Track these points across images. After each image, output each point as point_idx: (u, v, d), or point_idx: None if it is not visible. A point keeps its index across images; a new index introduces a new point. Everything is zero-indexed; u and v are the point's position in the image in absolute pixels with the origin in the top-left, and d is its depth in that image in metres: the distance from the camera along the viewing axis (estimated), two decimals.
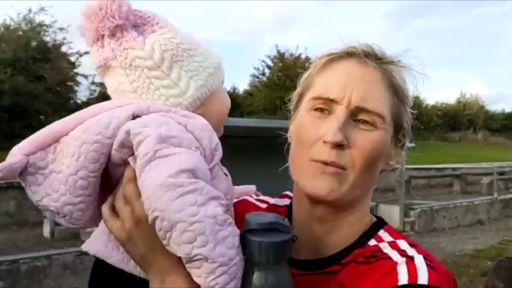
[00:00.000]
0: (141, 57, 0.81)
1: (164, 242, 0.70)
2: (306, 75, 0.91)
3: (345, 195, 0.82)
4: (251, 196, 1.08)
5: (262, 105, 26.99)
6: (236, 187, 0.99)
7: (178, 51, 0.83)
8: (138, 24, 0.83)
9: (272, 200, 1.05)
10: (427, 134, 31.64)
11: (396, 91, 0.85)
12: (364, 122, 0.82)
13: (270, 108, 26.54)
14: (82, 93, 23.05)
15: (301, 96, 0.90)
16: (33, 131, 0.85)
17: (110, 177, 0.81)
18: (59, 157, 0.78)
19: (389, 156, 0.87)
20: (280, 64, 28.64)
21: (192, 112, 0.83)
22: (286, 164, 0.92)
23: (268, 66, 29.32)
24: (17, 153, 0.77)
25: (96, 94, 23.30)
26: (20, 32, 20.88)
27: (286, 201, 1.00)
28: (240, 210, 0.91)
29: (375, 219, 0.92)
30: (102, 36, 0.81)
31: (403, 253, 0.82)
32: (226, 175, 0.87)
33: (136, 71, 0.81)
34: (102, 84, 23.52)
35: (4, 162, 0.77)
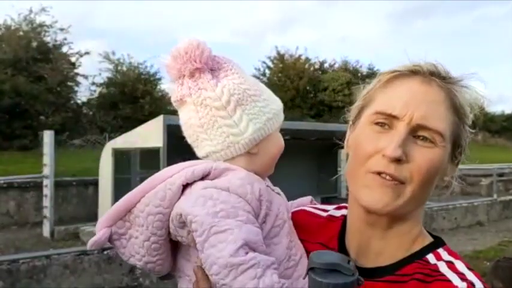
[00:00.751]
0: (212, 97, 0.92)
1: None
2: (367, 89, 0.94)
3: (399, 209, 0.85)
4: (310, 206, 1.10)
5: None
6: (294, 201, 1.11)
7: (244, 96, 0.94)
8: (214, 68, 0.95)
9: (330, 209, 1.07)
10: None
11: (457, 110, 0.88)
12: (424, 138, 0.85)
13: None
14: (82, 93, 23.11)
15: (361, 110, 0.93)
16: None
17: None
18: (133, 225, 0.92)
19: (445, 172, 0.90)
20: (280, 65, 28.66)
21: (247, 151, 0.94)
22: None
23: (269, 67, 29.34)
24: (100, 227, 0.92)
25: (96, 94, 23.33)
26: (21, 33, 20.88)
27: (343, 212, 1.03)
28: (297, 219, 1.00)
29: (428, 235, 0.95)
30: (183, 75, 0.94)
31: (462, 277, 0.83)
32: (279, 194, 0.97)
33: (206, 109, 0.93)
34: (102, 85, 23.60)
35: (93, 237, 0.92)
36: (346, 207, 1.02)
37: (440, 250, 0.91)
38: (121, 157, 9.71)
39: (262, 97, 0.96)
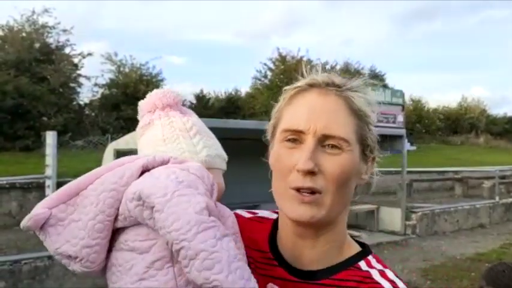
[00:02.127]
0: (178, 122, 1.07)
1: (186, 270, 0.82)
2: (276, 107, 1.00)
3: (325, 217, 0.90)
4: (240, 210, 1.15)
5: (264, 108, 27.01)
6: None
7: (203, 130, 1.10)
8: (182, 110, 1.11)
9: (261, 213, 1.13)
10: (428, 137, 31.60)
11: (357, 113, 0.93)
12: (332, 146, 0.90)
13: (271, 111, 26.51)
14: (84, 94, 23.12)
15: (274, 128, 0.99)
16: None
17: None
18: (78, 208, 0.93)
19: (361, 172, 0.95)
20: (282, 67, 28.67)
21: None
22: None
23: (270, 69, 29.34)
24: (41, 207, 0.93)
25: (98, 95, 23.37)
26: (24, 34, 20.92)
27: (275, 216, 1.08)
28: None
29: (353, 241, 1.01)
30: (155, 108, 1.09)
31: (394, 285, 0.90)
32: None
33: (171, 128, 1.06)
34: (104, 86, 23.61)
35: (30, 213, 0.91)
36: (277, 213, 1.07)
37: (370, 257, 0.97)
38: None
39: (215, 141, 1.11)
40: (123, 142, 10.04)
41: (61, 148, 13.70)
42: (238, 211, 1.13)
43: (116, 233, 0.94)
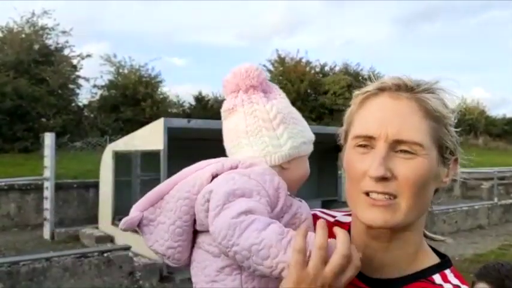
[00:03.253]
0: (261, 111, 1.03)
1: (253, 270, 0.84)
2: (348, 112, 0.99)
3: (400, 223, 0.88)
4: (319, 211, 1.15)
5: None
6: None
7: (288, 117, 1.05)
8: (266, 90, 1.07)
9: (338, 216, 1.12)
10: None
11: (432, 115, 0.89)
12: (404, 151, 0.87)
13: None
14: (83, 95, 23.12)
15: (346, 133, 0.98)
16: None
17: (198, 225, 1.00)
18: (163, 211, 0.99)
19: (440, 175, 0.92)
20: (281, 68, 28.68)
21: (280, 165, 1.02)
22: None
23: (269, 71, 29.35)
24: (134, 210, 0.99)
25: (97, 97, 23.35)
26: (23, 35, 20.91)
27: (350, 219, 1.06)
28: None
29: (432, 252, 0.99)
30: (239, 90, 1.05)
31: None
32: (301, 201, 1.03)
33: (254, 119, 1.03)
34: (103, 87, 23.59)
35: (126, 217, 0.99)
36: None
37: (447, 271, 0.93)
38: (122, 160, 9.71)
39: (301, 124, 1.08)
40: (122, 143, 10.03)
41: (60, 149, 13.68)
42: (319, 213, 1.12)
43: (198, 232, 0.99)
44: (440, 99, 0.91)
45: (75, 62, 21.92)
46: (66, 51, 21.89)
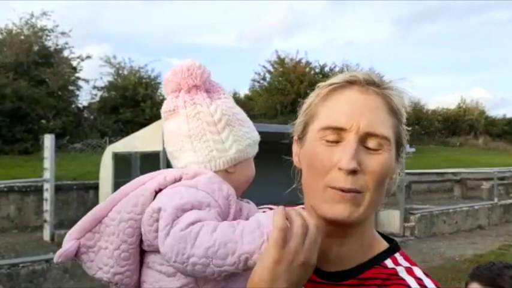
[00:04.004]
0: (205, 113, 0.98)
1: (215, 276, 0.80)
2: (307, 103, 0.96)
3: (361, 216, 0.88)
4: (267, 207, 1.12)
5: (262, 110, 27.03)
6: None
7: (233, 118, 1.00)
8: (209, 90, 1.01)
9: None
10: (427, 138, 31.61)
11: (395, 113, 0.92)
12: (373, 145, 0.88)
13: (270, 113, 26.56)
14: (83, 97, 23.13)
15: (306, 125, 0.95)
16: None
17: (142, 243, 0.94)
18: (103, 236, 0.92)
19: (393, 172, 0.94)
20: (281, 69, 28.69)
21: (225, 170, 0.98)
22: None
23: (269, 71, 29.37)
24: (69, 239, 0.92)
25: (97, 98, 23.35)
26: (22, 37, 20.92)
27: None
28: None
29: (382, 239, 1.00)
30: (180, 89, 0.99)
31: (420, 282, 0.87)
32: (248, 203, 1.00)
33: (197, 122, 0.98)
34: (103, 89, 23.60)
35: (60, 249, 0.91)
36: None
37: (397, 255, 0.95)
38: (121, 161, 9.71)
39: (247, 124, 1.03)
40: (122, 145, 10.04)
41: (60, 151, 13.68)
42: (267, 210, 1.09)
43: (147, 251, 0.93)
44: (400, 98, 0.93)
45: (74, 63, 21.95)
46: (65, 53, 21.93)
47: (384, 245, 0.98)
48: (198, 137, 0.97)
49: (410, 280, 0.88)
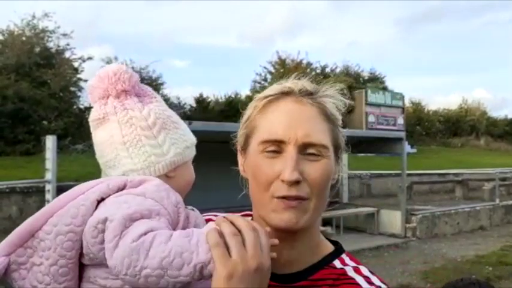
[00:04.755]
0: (138, 117, 0.94)
1: (170, 287, 0.77)
2: (246, 116, 0.99)
3: (309, 221, 0.92)
4: (212, 215, 1.13)
5: None
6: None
7: (168, 121, 0.98)
8: (140, 94, 0.98)
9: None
10: (428, 139, 31.58)
11: (329, 118, 0.95)
12: (312, 154, 0.91)
13: None
14: (85, 98, 23.10)
15: (247, 137, 0.97)
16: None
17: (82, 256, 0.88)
18: (37, 251, 0.86)
19: (334, 174, 0.97)
20: (282, 70, 28.68)
21: (165, 175, 0.96)
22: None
23: (270, 72, 29.36)
24: None
25: None
26: (24, 38, 20.95)
27: (248, 219, 1.07)
28: None
29: (327, 240, 1.04)
30: (108, 96, 0.95)
31: (368, 280, 0.93)
32: (193, 210, 0.97)
33: (131, 128, 0.94)
34: None
35: None
36: (250, 215, 1.05)
37: (344, 256, 1.00)
38: None
39: (182, 127, 1.01)
40: None
41: (61, 152, 13.70)
42: (211, 216, 1.09)
43: (86, 265, 0.88)
44: (334, 103, 0.96)
45: (76, 64, 21.95)
46: (67, 54, 21.94)
47: (330, 247, 1.02)
48: (133, 143, 0.94)
49: (359, 279, 0.93)
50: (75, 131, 19.95)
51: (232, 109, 26.50)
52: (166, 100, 24.93)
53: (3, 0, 27.90)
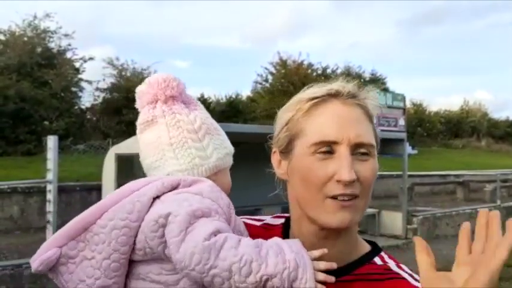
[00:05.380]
0: (185, 121, 0.99)
1: None
2: (287, 118, 0.99)
3: (358, 220, 0.95)
4: (246, 218, 1.15)
5: (264, 112, 27.03)
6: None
7: (211, 127, 1.03)
8: (185, 101, 1.03)
9: (267, 219, 1.14)
10: (430, 140, 31.56)
11: (371, 118, 0.99)
12: (363, 154, 0.94)
13: (272, 115, 26.51)
14: (86, 98, 23.17)
15: (291, 141, 0.98)
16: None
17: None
18: (89, 245, 0.87)
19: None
20: (283, 71, 28.68)
21: (208, 177, 0.98)
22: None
23: (271, 73, 29.36)
24: (50, 246, 0.86)
25: (99, 100, 23.41)
26: (25, 38, 20.98)
27: (281, 221, 1.11)
28: None
29: (364, 240, 1.06)
30: (157, 100, 1.00)
31: (412, 277, 0.95)
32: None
33: (178, 130, 0.98)
34: (105, 90, 23.64)
35: (41, 256, 0.85)
36: (283, 217, 1.10)
37: (382, 254, 1.03)
38: (124, 162, 9.72)
39: (222, 134, 1.06)
40: (125, 146, 10.04)
41: (62, 152, 13.71)
42: (245, 220, 1.12)
43: (136, 262, 0.89)
44: (374, 104, 1.00)
45: (77, 65, 21.98)
46: (68, 54, 21.98)
47: (367, 246, 1.05)
48: (179, 145, 0.98)
49: (404, 274, 0.96)
50: (77, 131, 19.99)
51: (233, 109, 26.55)
52: None
53: (5, 1, 27.96)
